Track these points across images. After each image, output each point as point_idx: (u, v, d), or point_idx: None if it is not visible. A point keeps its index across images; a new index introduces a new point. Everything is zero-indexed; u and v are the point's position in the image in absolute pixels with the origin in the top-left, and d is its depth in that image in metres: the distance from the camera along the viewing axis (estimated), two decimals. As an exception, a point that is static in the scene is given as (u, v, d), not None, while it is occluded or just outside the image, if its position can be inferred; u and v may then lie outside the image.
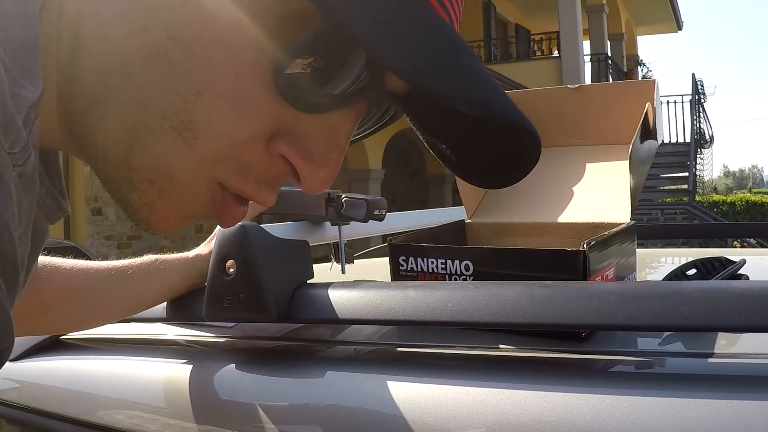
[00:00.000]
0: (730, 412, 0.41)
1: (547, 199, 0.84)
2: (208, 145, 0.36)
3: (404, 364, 0.59)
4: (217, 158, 0.37)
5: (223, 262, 0.60)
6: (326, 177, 0.40)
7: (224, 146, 0.36)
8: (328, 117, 0.38)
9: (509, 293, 0.50)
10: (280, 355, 0.66)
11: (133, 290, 0.67)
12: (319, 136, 0.39)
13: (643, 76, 17.00)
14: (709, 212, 10.39)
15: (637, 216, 1.06)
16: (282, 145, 0.38)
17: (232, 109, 0.35)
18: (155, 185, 0.37)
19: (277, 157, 0.39)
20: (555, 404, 0.46)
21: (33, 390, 0.77)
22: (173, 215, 0.39)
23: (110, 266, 0.66)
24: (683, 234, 1.81)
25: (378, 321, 0.55)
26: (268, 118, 0.37)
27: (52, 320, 0.65)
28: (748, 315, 0.42)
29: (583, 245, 0.59)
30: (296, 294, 0.60)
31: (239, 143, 0.37)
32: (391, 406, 0.51)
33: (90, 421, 0.68)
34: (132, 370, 0.70)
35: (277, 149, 0.38)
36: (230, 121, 0.36)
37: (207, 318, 0.62)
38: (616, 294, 0.47)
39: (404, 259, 0.70)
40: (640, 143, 0.76)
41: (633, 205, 0.76)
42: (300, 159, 0.39)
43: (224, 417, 0.59)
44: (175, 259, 0.69)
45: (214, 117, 0.35)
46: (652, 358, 0.54)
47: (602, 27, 12.64)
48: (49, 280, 0.62)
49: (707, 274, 0.74)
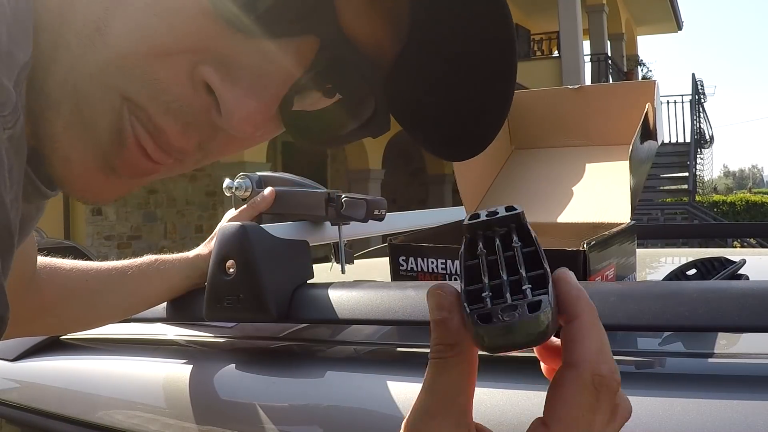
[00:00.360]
0: (730, 412, 0.41)
1: (547, 199, 0.84)
2: (116, 48, 0.32)
3: (404, 364, 0.59)
4: (126, 65, 0.32)
5: (223, 262, 0.60)
6: (252, 110, 0.34)
7: (136, 51, 0.32)
8: (265, 45, 0.34)
9: (509, 293, 0.50)
10: (280, 355, 0.66)
11: (133, 291, 0.66)
12: (251, 63, 0.34)
13: (643, 76, 17.00)
14: (709, 212, 10.38)
15: (637, 216, 1.06)
16: (207, 69, 0.33)
17: (150, 11, 0.32)
18: (60, 108, 0.33)
19: (201, 84, 0.34)
20: (555, 404, 0.46)
21: (33, 390, 0.77)
22: (77, 156, 0.34)
23: (110, 267, 0.66)
24: (683, 234, 1.81)
25: (378, 321, 0.55)
26: (191, 30, 0.33)
27: (53, 321, 0.65)
28: (748, 315, 0.42)
29: (583, 245, 0.59)
30: (296, 294, 0.60)
31: (154, 53, 0.32)
32: (391, 406, 0.51)
33: (90, 421, 0.68)
34: (132, 370, 0.70)
35: (200, 73, 0.33)
36: (146, 23, 0.32)
37: (207, 318, 0.62)
38: (616, 294, 0.47)
39: (404, 259, 0.70)
40: (640, 143, 0.76)
41: (633, 205, 0.76)
42: (221, 82, 0.33)
43: (224, 417, 0.59)
44: (175, 260, 0.69)
45: (129, 18, 0.32)
46: (652, 358, 0.54)
47: (602, 27, 12.64)
48: (49, 280, 0.62)
49: (707, 274, 0.74)
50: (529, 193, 0.86)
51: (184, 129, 0.35)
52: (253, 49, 0.34)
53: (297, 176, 0.90)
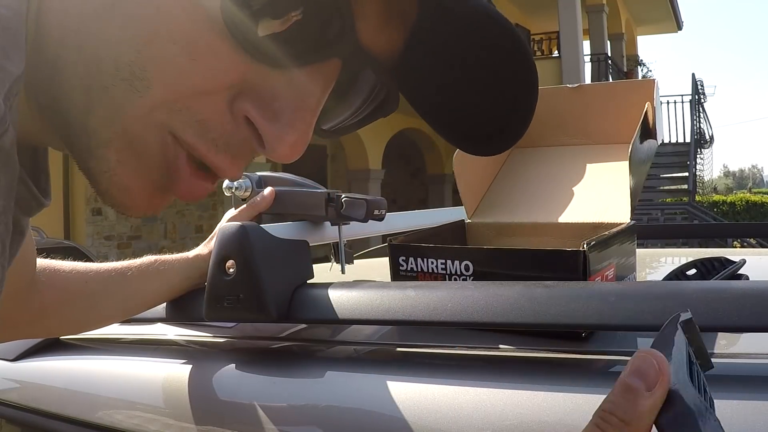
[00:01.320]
0: (730, 412, 0.41)
1: (547, 199, 0.84)
2: (160, 92, 0.34)
3: (404, 364, 0.59)
4: (171, 106, 0.35)
5: (223, 262, 0.60)
6: (293, 142, 0.37)
7: (178, 93, 0.34)
8: (295, 75, 0.36)
9: (509, 293, 0.50)
10: (280, 355, 0.66)
11: (133, 292, 0.66)
12: (286, 96, 0.36)
13: (643, 76, 16.99)
14: (709, 212, 10.39)
15: (637, 216, 1.06)
16: (245, 104, 0.36)
17: (186, 55, 0.34)
18: (111, 147, 0.35)
19: (241, 118, 0.36)
20: (555, 404, 0.46)
21: (33, 390, 0.77)
22: (135, 184, 0.36)
23: (110, 268, 0.66)
24: (683, 234, 1.81)
25: (378, 321, 0.55)
26: (226, 69, 0.34)
27: (53, 324, 0.65)
28: (748, 315, 0.42)
29: (583, 245, 0.59)
30: (296, 294, 0.60)
31: (195, 93, 0.35)
32: (391, 406, 0.51)
33: (90, 421, 0.68)
34: (132, 370, 0.70)
35: (240, 109, 0.36)
36: (184, 67, 0.34)
37: (207, 318, 0.62)
38: (616, 294, 0.47)
39: (404, 259, 0.70)
40: (639, 143, 0.76)
41: (633, 205, 0.76)
42: (263, 119, 0.36)
43: (224, 417, 0.59)
44: (175, 260, 0.69)
45: (167, 63, 0.34)
46: (652, 358, 0.54)
47: (602, 27, 12.63)
48: (48, 283, 0.62)
49: (707, 274, 0.74)
50: (528, 193, 0.86)
51: (233, 161, 0.37)
52: (285, 80, 0.36)
53: (297, 176, 0.90)
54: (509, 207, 0.86)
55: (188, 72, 0.34)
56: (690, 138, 11.93)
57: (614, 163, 0.83)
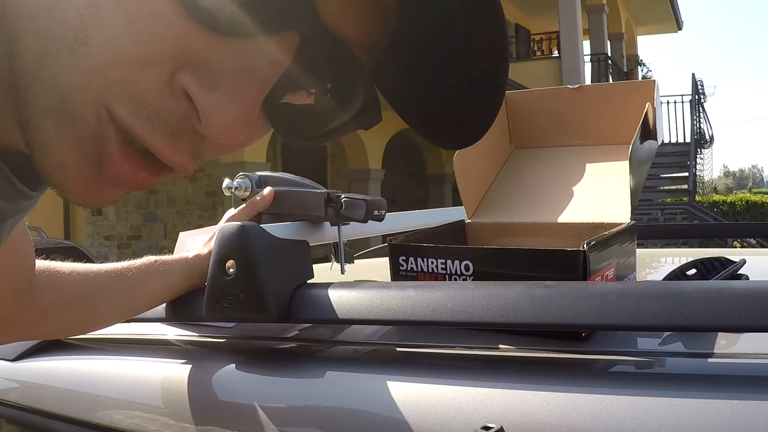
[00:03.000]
0: (730, 412, 0.41)
1: (547, 199, 0.84)
2: (97, 59, 0.31)
3: (404, 364, 0.59)
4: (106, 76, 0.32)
5: (223, 262, 0.60)
6: (232, 116, 0.33)
7: (112, 61, 0.32)
8: (244, 46, 0.33)
9: (509, 293, 0.50)
10: (280, 355, 0.66)
11: (133, 293, 0.66)
12: (230, 66, 0.33)
13: (643, 76, 16.99)
14: (709, 212, 10.38)
15: (637, 216, 1.06)
16: (184, 76, 0.32)
17: (125, 18, 0.31)
18: (50, 117, 0.32)
19: (180, 92, 0.33)
20: (555, 404, 0.46)
21: (33, 390, 0.77)
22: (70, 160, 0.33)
23: (109, 269, 0.66)
24: (683, 234, 1.81)
25: (378, 321, 0.55)
26: (167, 35, 0.32)
27: (53, 325, 0.65)
28: (748, 315, 0.42)
29: (583, 245, 0.59)
30: (296, 294, 0.60)
31: (132, 63, 0.32)
32: (391, 406, 0.51)
33: (90, 421, 0.68)
34: (132, 370, 0.70)
35: (179, 81, 0.33)
36: (122, 32, 0.31)
37: (207, 318, 0.62)
38: (616, 294, 0.47)
39: (404, 259, 0.70)
40: (640, 143, 0.76)
41: (633, 205, 0.76)
42: (199, 89, 0.32)
43: (224, 417, 0.59)
44: (175, 260, 0.69)
45: (106, 28, 0.31)
46: (652, 358, 0.54)
47: (602, 27, 12.64)
48: (48, 285, 0.62)
49: (707, 274, 0.74)
50: (528, 193, 0.87)
51: (172, 142, 0.34)
52: (231, 51, 0.33)
53: (297, 176, 0.90)
54: (509, 207, 0.86)
55: (125, 36, 0.31)
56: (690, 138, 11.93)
57: (614, 164, 0.83)
